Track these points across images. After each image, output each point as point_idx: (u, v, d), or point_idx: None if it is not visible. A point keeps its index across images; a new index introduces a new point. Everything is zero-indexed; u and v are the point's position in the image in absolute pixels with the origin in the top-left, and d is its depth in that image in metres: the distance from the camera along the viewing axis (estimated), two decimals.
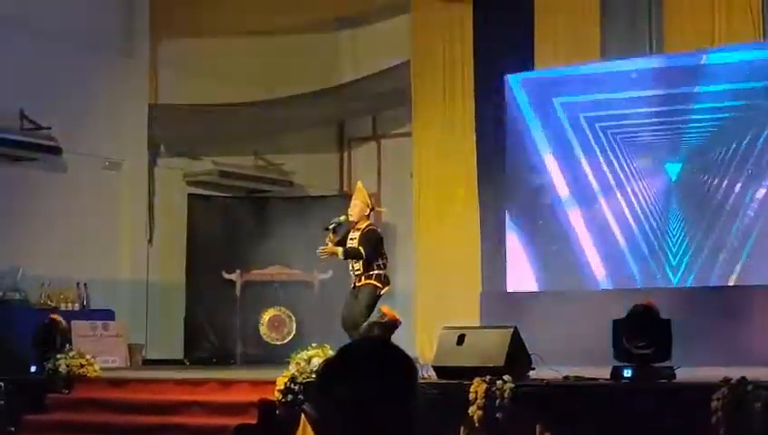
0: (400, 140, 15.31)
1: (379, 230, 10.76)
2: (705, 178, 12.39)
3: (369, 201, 10.73)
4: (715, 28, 12.35)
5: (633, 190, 12.78)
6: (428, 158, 14.26)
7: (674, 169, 12.61)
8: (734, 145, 12.23)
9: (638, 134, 12.84)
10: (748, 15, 12.17)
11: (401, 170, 14.78)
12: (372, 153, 16.11)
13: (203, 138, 15.17)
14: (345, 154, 16.46)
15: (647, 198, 12.70)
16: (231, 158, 15.35)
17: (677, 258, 12.44)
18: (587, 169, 13.07)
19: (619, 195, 12.85)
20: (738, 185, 12.15)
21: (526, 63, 13.50)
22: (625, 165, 12.85)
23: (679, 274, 12.41)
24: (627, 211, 12.81)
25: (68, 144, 13.44)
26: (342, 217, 10.58)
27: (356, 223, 10.53)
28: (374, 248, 10.40)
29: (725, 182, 12.23)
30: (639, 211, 12.73)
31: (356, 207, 10.54)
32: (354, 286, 10.52)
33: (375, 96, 15.42)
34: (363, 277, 10.40)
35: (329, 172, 16.28)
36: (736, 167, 12.18)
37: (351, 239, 10.49)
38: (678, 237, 12.43)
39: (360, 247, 10.33)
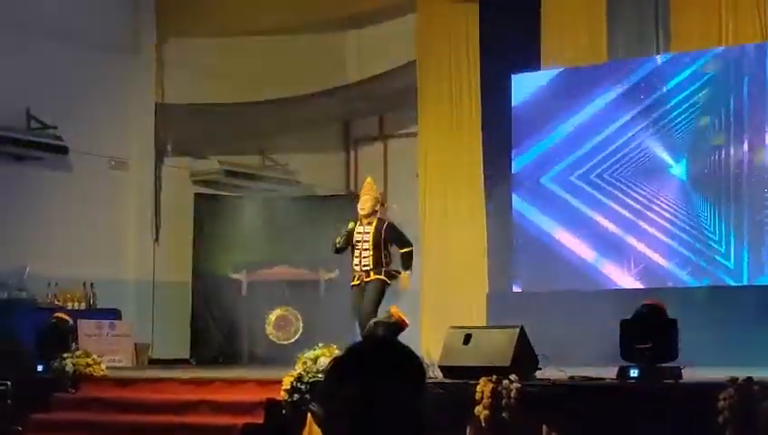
0: (406, 140, 15.31)
1: None
2: (712, 158, 12.36)
3: (379, 196, 10.81)
4: (722, 28, 12.34)
5: (655, 211, 12.70)
6: (434, 158, 14.26)
7: (680, 169, 12.57)
8: (721, 114, 12.26)
9: (631, 159, 12.82)
10: (755, 15, 12.15)
11: (407, 170, 14.78)
12: (378, 153, 16.11)
13: (209, 137, 15.18)
14: (351, 154, 16.47)
15: (669, 209, 12.59)
16: (237, 157, 15.36)
17: (730, 255, 12.22)
18: (601, 220, 13.05)
19: (641, 223, 12.78)
20: (744, 145, 12.15)
21: (532, 63, 13.49)
22: (635, 195, 12.80)
23: (744, 272, 12.18)
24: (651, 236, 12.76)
25: (74, 144, 13.46)
26: (351, 225, 10.64)
27: (365, 217, 10.56)
28: (397, 239, 10.58)
29: (731, 150, 12.21)
30: (668, 225, 12.64)
31: (368, 202, 10.60)
32: (360, 282, 10.52)
33: (381, 96, 15.42)
34: (372, 272, 10.43)
35: (335, 172, 16.29)
36: (734, 132, 12.20)
37: (361, 233, 10.50)
38: (716, 230, 12.30)
39: (399, 240, 10.56)
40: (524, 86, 13.63)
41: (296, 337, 14.06)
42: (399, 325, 9.40)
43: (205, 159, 15.15)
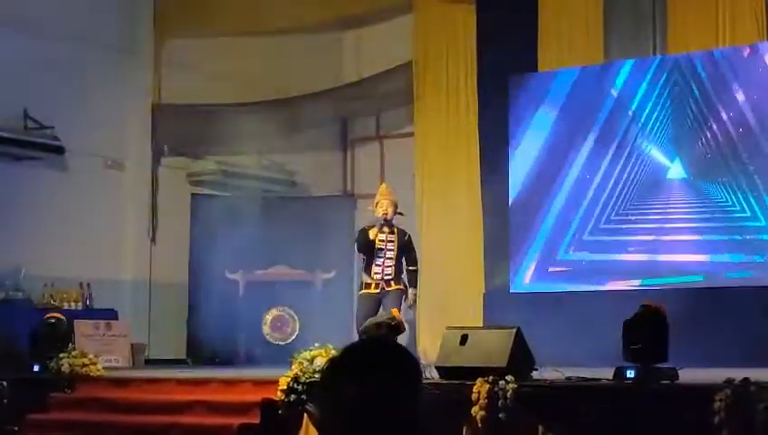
0: (403, 141, 15.29)
1: None
2: (700, 144, 12.33)
3: (396, 201, 10.86)
4: (718, 30, 12.35)
5: (672, 229, 12.51)
6: (431, 158, 14.27)
7: (675, 172, 12.54)
8: (696, 101, 12.31)
9: (624, 186, 12.76)
10: (752, 17, 12.17)
11: (404, 170, 14.77)
12: (375, 153, 16.09)
13: (206, 137, 15.16)
14: (348, 154, 16.45)
15: (682, 210, 12.49)
16: (234, 157, 15.35)
17: None
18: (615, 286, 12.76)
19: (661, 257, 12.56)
20: (738, 96, 12.14)
21: (529, 63, 13.50)
22: (641, 215, 12.67)
23: None
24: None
25: (71, 143, 13.46)
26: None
27: (384, 222, 10.59)
28: (410, 254, 10.66)
29: (722, 117, 12.21)
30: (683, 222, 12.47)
31: (390, 207, 10.65)
32: (381, 290, 10.50)
33: (378, 96, 15.41)
34: (393, 282, 10.45)
35: (332, 172, 16.27)
36: (716, 100, 12.24)
37: (384, 241, 10.50)
38: (746, 207, 12.01)
39: (411, 256, 10.74)
40: (521, 87, 13.65)
41: (293, 337, 14.06)
42: (399, 328, 9.45)
43: (201, 159, 15.14)
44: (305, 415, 8.66)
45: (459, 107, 14.11)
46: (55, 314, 11.25)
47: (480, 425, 7.67)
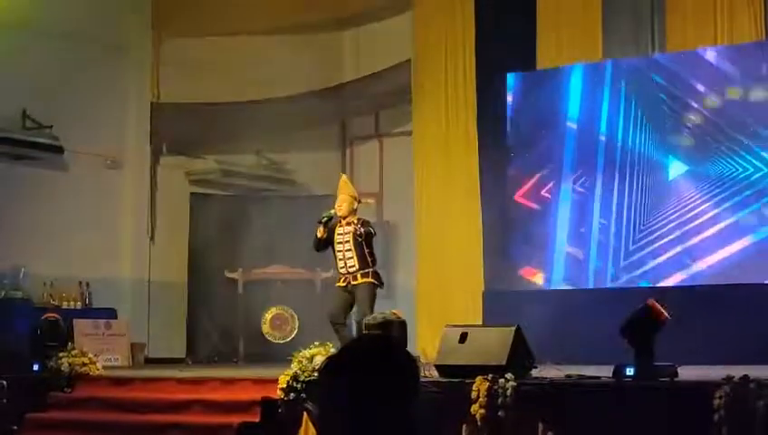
0: (402, 139, 15.29)
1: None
2: (687, 129, 12.29)
3: (356, 194, 10.75)
4: (717, 27, 12.35)
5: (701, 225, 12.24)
6: (430, 156, 14.25)
7: (676, 170, 12.50)
8: (666, 91, 12.31)
9: (630, 211, 12.67)
10: (750, 15, 12.17)
11: (403, 169, 14.77)
12: (374, 152, 16.09)
13: (205, 136, 15.17)
14: (347, 153, 16.45)
15: (690, 206, 12.27)
16: (233, 156, 15.35)
17: None
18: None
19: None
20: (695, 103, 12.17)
21: (528, 61, 13.50)
22: (659, 231, 12.47)
23: None
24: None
25: (70, 143, 13.46)
26: (333, 211, 10.57)
27: (345, 217, 10.52)
28: (371, 242, 10.48)
29: (699, 109, 12.19)
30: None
31: (344, 202, 10.54)
32: (347, 284, 10.44)
33: (377, 95, 15.41)
34: (359, 275, 10.37)
35: (331, 171, 16.23)
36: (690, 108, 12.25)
37: (342, 235, 10.47)
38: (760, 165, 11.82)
39: (370, 231, 10.39)
40: (520, 85, 13.65)
41: (292, 336, 14.06)
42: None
43: (200, 158, 15.14)
44: (305, 413, 8.67)
45: (458, 105, 14.10)
46: (49, 315, 11.24)
47: (480, 423, 7.67)
